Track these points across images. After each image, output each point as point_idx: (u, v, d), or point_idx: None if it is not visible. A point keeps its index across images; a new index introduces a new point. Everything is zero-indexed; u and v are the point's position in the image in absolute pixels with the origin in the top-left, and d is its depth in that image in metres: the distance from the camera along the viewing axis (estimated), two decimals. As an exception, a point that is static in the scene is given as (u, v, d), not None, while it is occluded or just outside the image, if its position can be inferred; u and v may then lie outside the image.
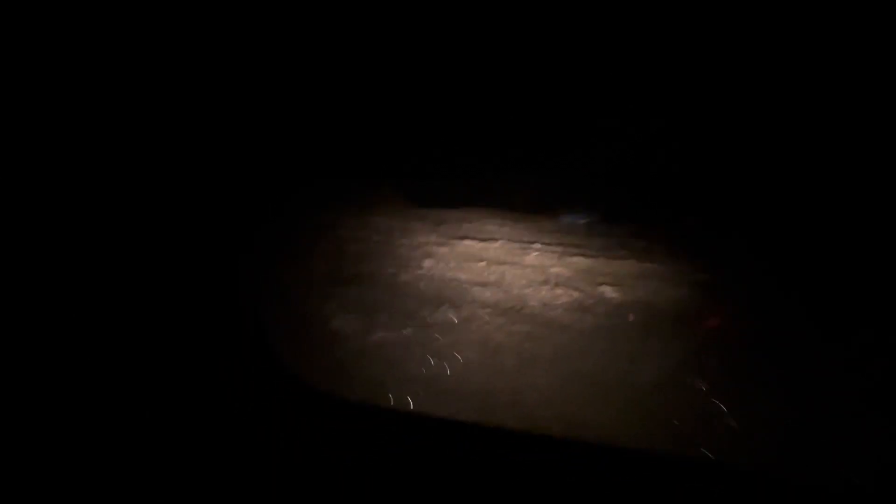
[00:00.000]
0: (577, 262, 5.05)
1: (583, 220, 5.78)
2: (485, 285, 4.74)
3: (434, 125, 6.37)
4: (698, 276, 4.70)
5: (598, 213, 5.76)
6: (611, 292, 4.60)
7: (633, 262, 4.98)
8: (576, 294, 4.60)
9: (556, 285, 4.71)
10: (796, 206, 5.13)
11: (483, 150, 6.35)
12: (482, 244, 5.34)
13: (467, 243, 5.35)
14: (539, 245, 5.32)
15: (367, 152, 6.31)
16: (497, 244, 5.34)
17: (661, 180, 5.80)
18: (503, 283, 4.79)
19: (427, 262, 5.02)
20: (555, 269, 4.95)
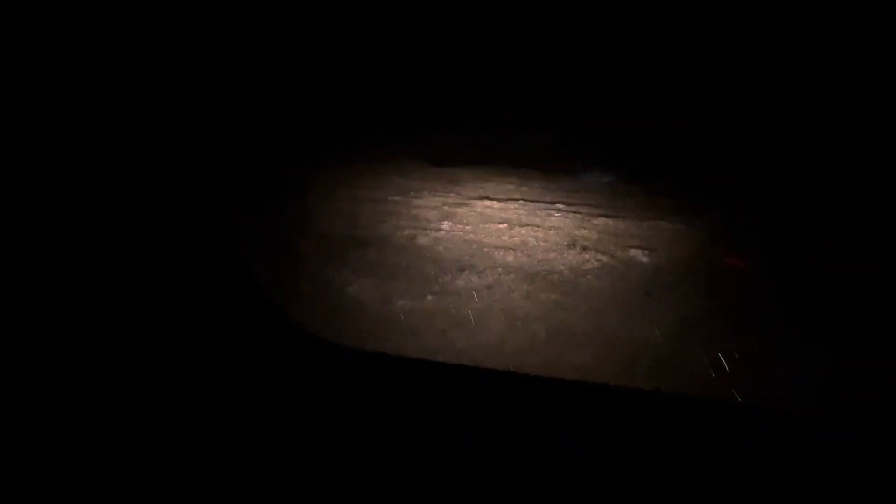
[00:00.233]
0: (604, 223, 4.76)
1: (607, 179, 5.45)
2: (507, 249, 4.47)
3: (448, 81, 5.94)
4: (739, 235, 4.42)
5: (623, 171, 5.42)
6: (642, 256, 4.33)
7: (664, 224, 4.68)
8: (605, 258, 4.33)
9: (584, 249, 4.44)
10: (844, 158, 4.77)
11: (498, 107, 5.94)
12: (501, 204, 5.03)
13: (486, 203, 5.05)
14: (562, 206, 5.01)
15: (380, 107, 5.91)
16: (517, 204, 5.04)
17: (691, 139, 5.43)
18: (527, 246, 4.51)
19: (445, 224, 4.73)
20: (580, 232, 4.66)
